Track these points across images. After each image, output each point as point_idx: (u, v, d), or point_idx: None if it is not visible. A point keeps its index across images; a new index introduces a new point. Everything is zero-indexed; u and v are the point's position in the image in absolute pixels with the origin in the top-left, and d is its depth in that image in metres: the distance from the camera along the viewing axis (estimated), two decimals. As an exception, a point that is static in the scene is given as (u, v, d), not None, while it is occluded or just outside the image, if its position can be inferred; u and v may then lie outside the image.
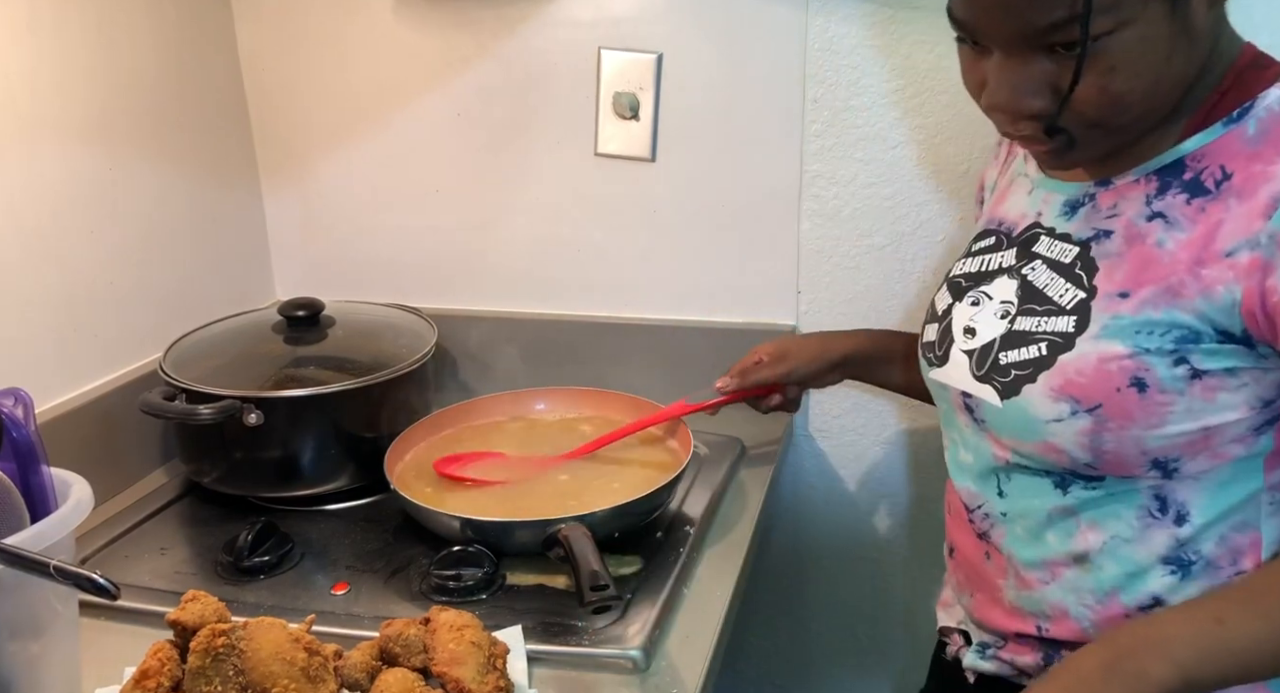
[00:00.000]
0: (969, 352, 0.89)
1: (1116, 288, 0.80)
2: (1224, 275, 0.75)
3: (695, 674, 0.90)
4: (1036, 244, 0.88)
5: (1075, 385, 0.80)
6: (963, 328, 0.91)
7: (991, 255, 0.93)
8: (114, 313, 1.27)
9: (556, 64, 1.37)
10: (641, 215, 1.42)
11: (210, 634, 0.79)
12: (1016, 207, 0.93)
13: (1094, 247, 0.83)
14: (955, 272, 0.96)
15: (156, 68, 1.31)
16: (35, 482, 0.82)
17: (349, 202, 1.51)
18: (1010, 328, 0.86)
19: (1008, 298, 0.88)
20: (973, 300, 0.91)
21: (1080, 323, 0.81)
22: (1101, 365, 0.79)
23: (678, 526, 1.13)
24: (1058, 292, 0.84)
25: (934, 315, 0.96)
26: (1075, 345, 0.81)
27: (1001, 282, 0.90)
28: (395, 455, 1.20)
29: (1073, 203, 0.87)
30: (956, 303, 0.93)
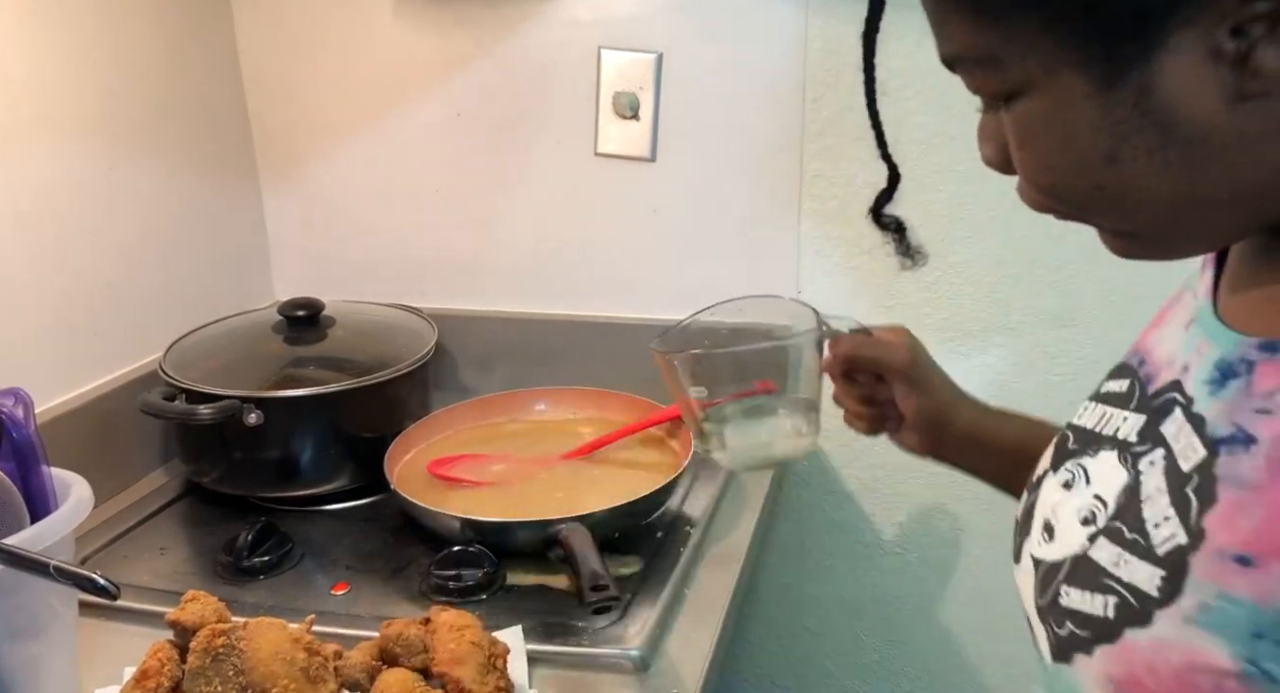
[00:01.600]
0: (1038, 562, 0.60)
1: (1236, 545, 0.47)
2: None
3: (695, 675, 0.90)
4: (1167, 421, 0.55)
5: (1142, 689, 0.50)
6: (1043, 520, 0.62)
7: (1115, 412, 0.61)
8: (114, 313, 1.27)
9: (556, 64, 1.37)
10: (641, 215, 1.41)
11: (210, 634, 0.79)
12: (1168, 342, 0.59)
13: (1224, 457, 0.49)
14: (1075, 418, 0.65)
15: (156, 67, 1.31)
16: (35, 482, 0.82)
17: (349, 201, 1.51)
18: (1087, 548, 0.56)
19: (1103, 494, 0.57)
20: (1066, 479, 0.61)
21: (1168, 585, 0.49)
22: (1186, 674, 0.48)
23: (678, 526, 1.13)
24: (1155, 515, 0.52)
25: (1030, 480, 0.67)
26: (1154, 620, 0.50)
27: (1108, 462, 0.58)
28: (395, 455, 1.20)
29: (1225, 368, 0.52)
30: (1050, 473, 0.63)
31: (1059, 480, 0.62)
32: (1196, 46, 0.43)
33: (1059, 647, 0.56)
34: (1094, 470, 0.59)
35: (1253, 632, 0.45)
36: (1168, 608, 0.49)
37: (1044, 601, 0.58)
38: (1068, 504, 0.59)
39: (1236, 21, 0.42)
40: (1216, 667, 0.46)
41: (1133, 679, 0.50)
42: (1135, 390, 0.60)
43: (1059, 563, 0.58)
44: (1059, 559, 0.58)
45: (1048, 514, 0.61)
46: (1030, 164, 0.52)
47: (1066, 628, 0.55)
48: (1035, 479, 0.66)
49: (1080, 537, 0.57)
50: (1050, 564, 0.59)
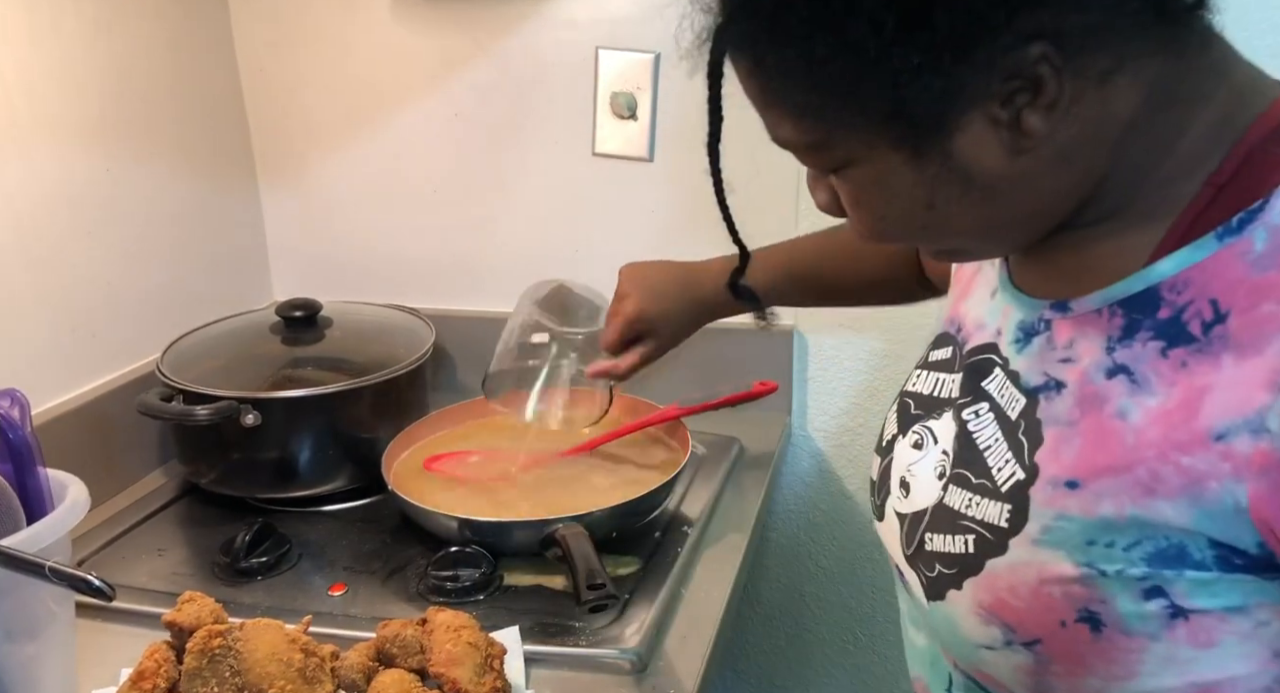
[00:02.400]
0: (901, 517, 0.69)
1: (1064, 473, 0.57)
2: (1217, 468, 0.51)
3: (693, 675, 0.90)
4: (988, 378, 0.65)
5: (1007, 608, 0.59)
6: (899, 479, 0.71)
7: (944, 376, 0.72)
8: (111, 314, 1.27)
9: (554, 64, 1.37)
10: (639, 215, 1.41)
11: (207, 635, 0.79)
12: (976, 310, 0.71)
13: (1042, 403, 0.60)
14: (909, 385, 0.75)
15: (154, 68, 1.31)
16: (31, 483, 0.82)
17: (346, 202, 1.51)
18: (942, 498, 0.65)
19: (947, 448, 0.67)
20: (916, 440, 0.70)
21: (1015, 516, 0.59)
22: (1041, 586, 0.57)
23: (676, 526, 1.13)
24: (996, 460, 0.62)
25: (879, 443, 0.76)
26: (1008, 548, 0.59)
27: (946, 421, 0.68)
28: (393, 456, 1.20)
29: (1027, 328, 0.63)
30: (900, 437, 0.73)
31: (909, 442, 0.71)
32: (980, 120, 0.54)
33: (932, 587, 0.64)
34: (938, 431, 0.69)
35: (1086, 540, 0.56)
36: (1017, 536, 0.58)
37: (910, 550, 0.67)
38: (921, 462, 0.69)
39: (1003, 98, 0.53)
40: (1063, 576, 0.56)
41: (999, 602, 0.59)
42: (956, 355, 0.71)
43: (920, 514, 0.67)
44: (919, 510, 0.67)
45: (903, 473, 0.71)
46: (865, 218, 0.61)
47: (936, 569, 0.64)
48: (885, 443, 0.75)
49: (935, 489, 0.66)
50: (912, 515, 0.68)
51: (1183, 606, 0.54)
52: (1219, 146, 0.56)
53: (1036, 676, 0.59)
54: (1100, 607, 0.56)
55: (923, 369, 0.75)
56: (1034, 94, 0.52)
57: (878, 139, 0.56)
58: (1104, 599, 0.55)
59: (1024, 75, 0.52)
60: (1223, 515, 0.52)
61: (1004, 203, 0.58)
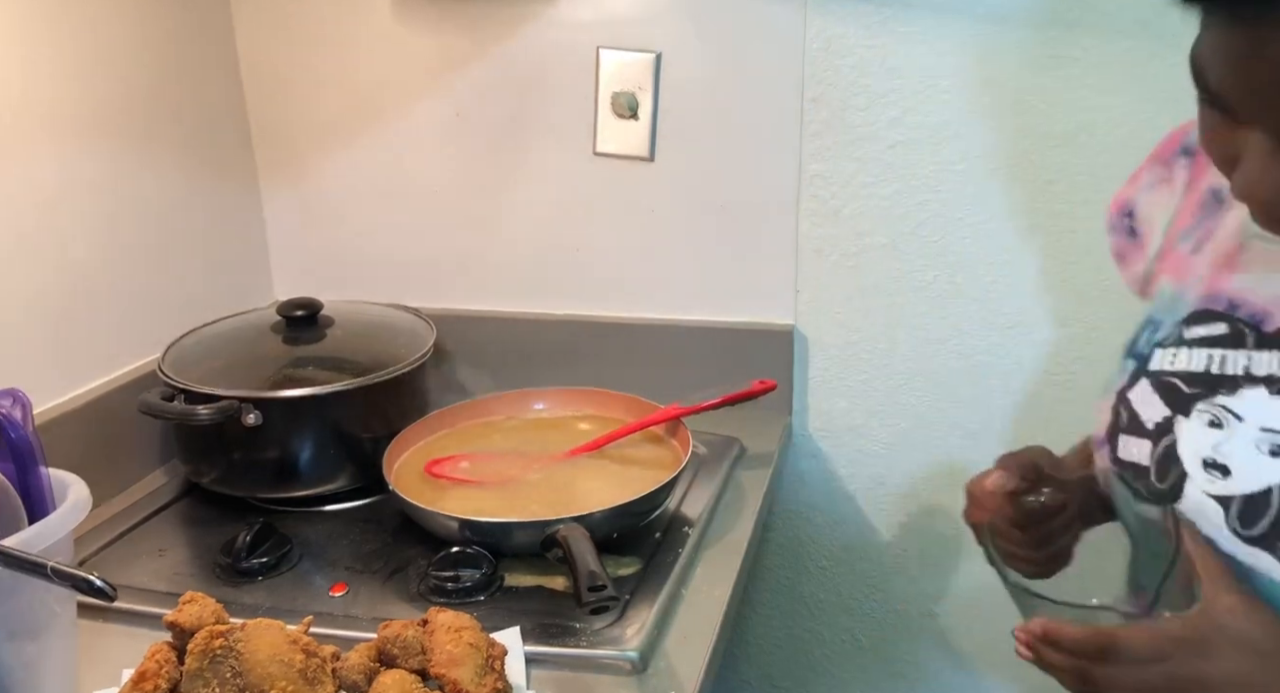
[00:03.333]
0: (1223, 499, 0.67)
1: None
2: None
3: (694, 675, 0.90)
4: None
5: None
6: (1202, 460, 0.68)
7: (1227, 353, 0.69)
8: (112, 313, 1.27)
9: (555, 64, 1.37)
10: (640, 215, 1.41)
11: (208, 636, 0.79)
12: (1266, 286, 0.69)
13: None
14: (1161, 365, 0.72)
15: (155, 67, 1.31)
16: (33, 483, 0.82)
17: (348, 201, 1.51)
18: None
19: (1272, 425, 0.65)
20: (1211, 419, 0.68)
21: None
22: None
23: (676, 526, 1.13)
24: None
25: (1138, 426, 0.73)
26: None
27: (1258, 398, 0.66)
28: (394, 456, 1.20)
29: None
30: (1180, 418, 0.70)
31: (1201, 422, 0.68)
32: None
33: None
34: (1243, 408, 0.66)
35: None
36: None
37: (1256, 529, 0.64)
38: (1234, 441, 0.66)
39: None
40: None
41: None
42: (1244, 334, 0.68)
43: (1263, 493, 0.64)
44: (1259, 490, 0.64)
45: (1208, 454, 0.67)
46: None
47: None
48: (1154, 426, 0.71)
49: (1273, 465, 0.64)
50: (1244, 498, 0.65)
51: None
52: None
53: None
54: None
55: (1179, 347, 0.72)
56: None
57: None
58: None
59: None
60: None
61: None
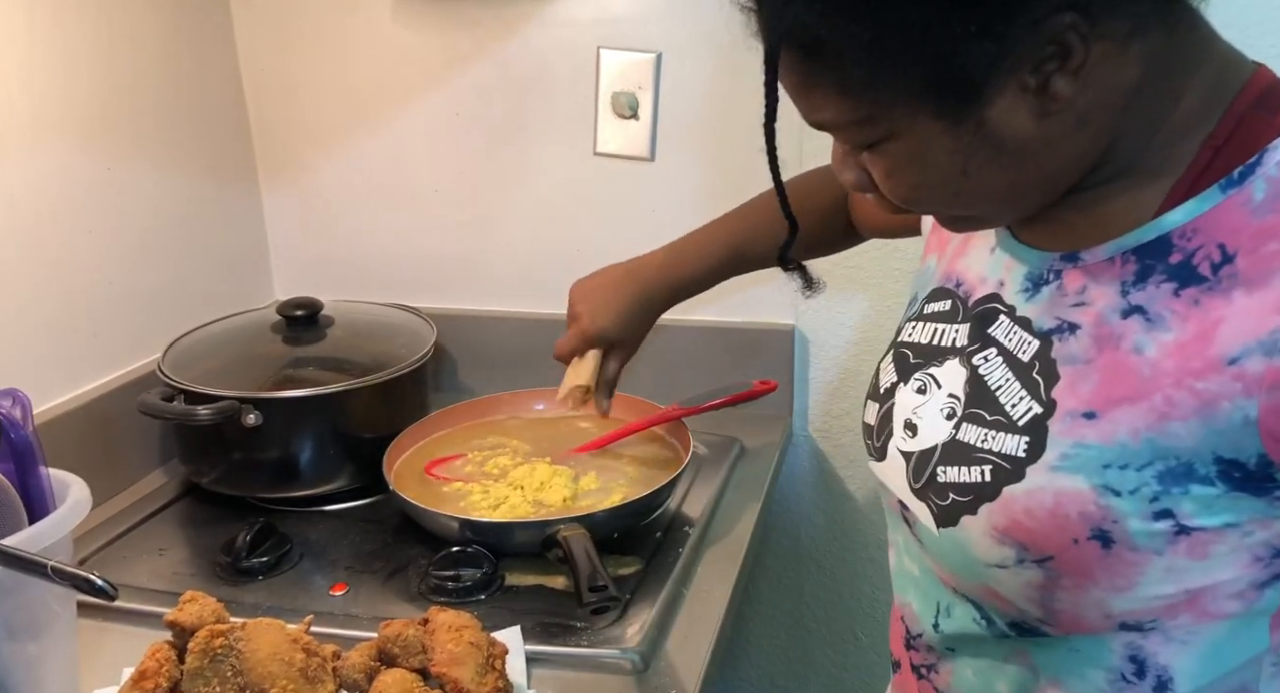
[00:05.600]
0: (907, 454, 0.74)
1: (1081, 405, 0.64)
2: (1229, 388, 0.58)
3: (694, 675, 0.90)
4: (994, 325, 0.71)
5: (1022, 529, 0.64)
6: (904, 421, 0.75)
7: (945, 327, 0.76)
8: (113, 313, 1.27)
9: (555, 64, 1.37)
10: (640, 215, 1.41)
11: (208, 635, 0.79)
12: (977, 267, 0.76)
13: (1056, 344, 0.66)
14: (904, 337, 0.80)
15: (155, 68, 1.31)
16: (33, 482, 0.82)
17: (348, 201, 1.51)
18: (954, 434, 0.71)
19: (955, 391, 0.72)
20: (919, 385, 0.75)
21: (1033, 446, 0.65)
22: (1057, 508, 0.63)
23: (677, 526, 1.13)
24: (1010, 398, 0.68)
25: (875, 390, 0.80)
26: (1025, 475, 0.65)
27: (952, 366, 0.73)
28: (394, 456, 1.20)
29: (1035, 279, 0.69)
30: (901, 383, 0.77)
31: (912, 388, 0.76)
32: (1013, 87, 0.59)
33: (945, 515, 0.69)
34: (942, 376, 0.74)
35: (1102, 465, 0.62)
36: (1035, 464, 0.65)
37: (920, 483, 0.72)
38: (926, 405, 0.74)
39: (1034, 64, 0.58)
40: (1079, 497, 0.62)
41: (1014, 524, 0.65)
42: (959, 307, 0.76)
43: (929, 450, 0.72)
44: (928, 447, 0.72)
45: (908, 415, 0.75)
46: (900, 189, 0.66)
47: (949, 498, 0.69)
48: (884, 390, 0.79)
49: (945, 427, 0.71)
50: (920, 452, 0.73)
51: (1186, 524, 0.61)
52: (1212, 111, 0.63)
53: (1044, 589, 0.65)
54: (1112, 525, 0.62)
55: (918, 321, 0.80)
56: (1062, 60, 0.58)
57: (920, 110, 0.60)
58: (1116, 519, 0.62)
59: (1055, 41, 0.57)
60: (1230, 431, 0.59)
61: (1030, 166, 0.63)
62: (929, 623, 0.76)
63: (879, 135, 0.63)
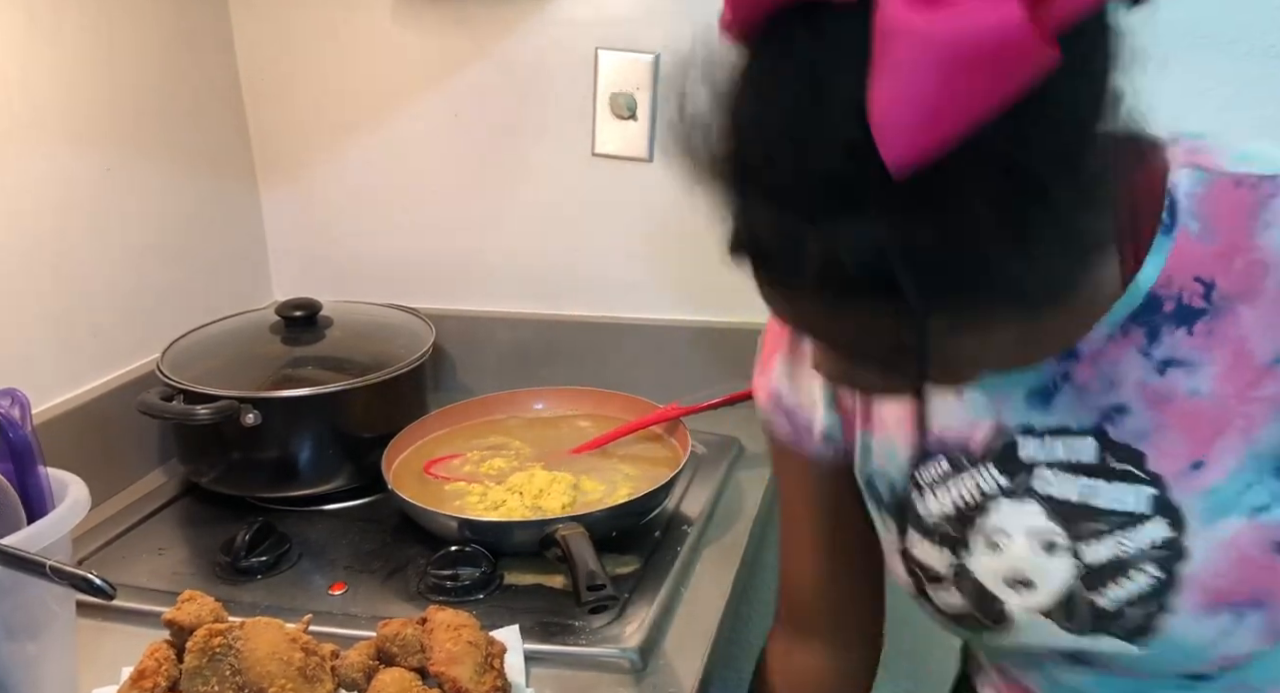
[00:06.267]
0: (1042, 611, 0.73)
1: (1184, 462, 0.67)
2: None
3: (693, 674, 0.90)
4: (1020, 448, 0.72)
5: (1222, 592, 0.67)
6: (1003, 582, 0.74)
7: (960, 485, 0.75)
8: (111, 313, 1.27)
9: (554, 64, 1.37)
10: (639, 215, 1.41)
11: (207, 634, 0.79)
12: (952, 417, 0.75)
13: (1113, 432, 0.68)
14: (924, 518, 0.77)
15: (154, 68, 1.31)
16: (32, 482, 0.82)
17: (347, 202, 1.51)
18: (1081, 563, 0.70)
19: (1036, 525, 0.72)
20: (987, 544, 0.74)
21: (1174, 522, 0.67)
22: (1234, 555, 0.66)
23: (676, 525, 1.13)
24: (1113, 498, 0.69)
25: (936, 577, 0.78)
26: (1188, 550, 0.67)
27: (1007, 510, 0.73)
28: (393, 455, 1.20)
29: (1040, 391, 0.70)
30: (966, 554, 0.75)
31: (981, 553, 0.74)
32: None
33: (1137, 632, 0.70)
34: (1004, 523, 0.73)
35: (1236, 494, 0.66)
36: (1186, 533, 0.67)
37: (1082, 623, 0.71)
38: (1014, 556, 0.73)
39: None
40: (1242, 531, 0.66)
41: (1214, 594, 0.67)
42: (962, 462, 0.74)
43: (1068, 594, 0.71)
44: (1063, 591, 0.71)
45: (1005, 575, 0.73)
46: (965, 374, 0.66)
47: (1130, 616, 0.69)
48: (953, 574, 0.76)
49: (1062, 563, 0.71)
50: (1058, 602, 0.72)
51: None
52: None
53: (1272, 623, 0.67)
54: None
55: (921, 494, 0.77)
56: None
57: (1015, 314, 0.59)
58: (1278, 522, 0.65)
59: None
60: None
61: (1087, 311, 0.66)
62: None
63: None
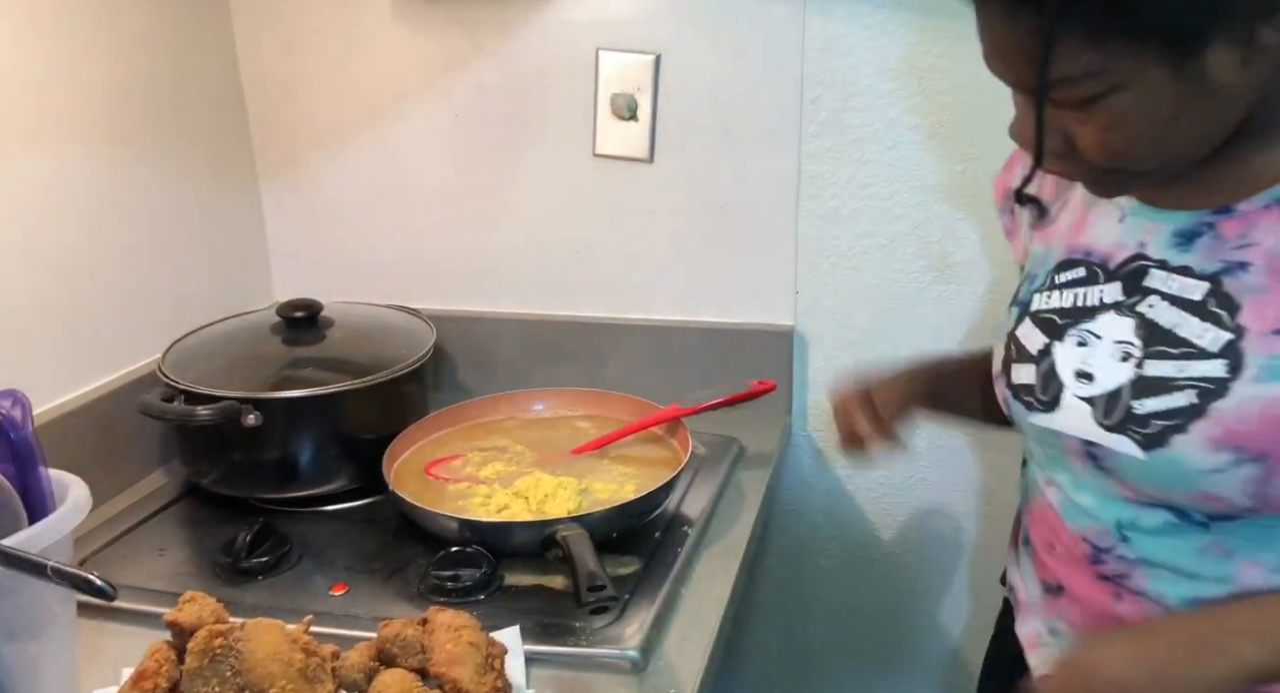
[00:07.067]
0: (1089, 399, 0.82)
1: (1270, 325, 0.74)
2: None
3: (693, 675, 0.90)
4: (1147, 278, 0.81)
5: (1237, 435, 0.74)
6: (1074, 372, 0.84)
7: (1087, 289, 0.85)
8: (113, 314, 1.27)
9: (555, 65, 1.37)
10: (639, 216, 1.42)
11: (208, 635, 0.79)
12: (1107, 236, 0.85)
13: (1227, 281, 0.77)
14: (1039, 306, 0.88)
15: (155, 69, 1.31)
16: (33, 483, 0.82)
17: (347, 202, 1.51)
18: (1140, 373, 0.79)
19: (1125, 338, 0.81)
20: (1078, 340, 0.84)
21: (1233, 366, 0.75)
22: (1266, 411, 0.73)
23: (676, 526, 1.13)
24: (1193, 332, 0.77)
25: (1025, 355, 0.88)
26: (1231, 391, 0.74)
27: (1110, 319, 0.82)
28: (393, 456, 1.20)
29: (1186, 233, 0.79)
30: (1056, 342, 0.85)
31: (1072, 343, 0.84)
32: (1225, 36, 0.68)
33: (1150, 441, 0.78)
34: (1100, 329, 0.82)
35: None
36: (1238, 380, 0.74)
37: (1113, 419, 0.80)
38: (1095, 353, 0.82)
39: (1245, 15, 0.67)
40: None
41: (1231, 432, 0.74)
42: (1097, 273, 0.84)
43: (1116, 390, 0.80)
44: (1113, 388, 0.80)
45: (1077, 366, 0.83)
46: (1117, 140, 0.73)
47: (1152, 425, 0.78)
48: (1036, 352, 0.86)
49: (1127, 368, 0.80)
50: (1108, 394, 0.81)
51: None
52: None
53: (1261, 482, 0.74)
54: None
55: (1050, 290, 0.87)
56: (1270, 11, 0.67)
57: (1150, 60, 0.68)
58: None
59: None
60: None
61: (1225, 115, 0.73)
62: (1117, 538, 0.84)
63: (1109, 86, 0.70)
